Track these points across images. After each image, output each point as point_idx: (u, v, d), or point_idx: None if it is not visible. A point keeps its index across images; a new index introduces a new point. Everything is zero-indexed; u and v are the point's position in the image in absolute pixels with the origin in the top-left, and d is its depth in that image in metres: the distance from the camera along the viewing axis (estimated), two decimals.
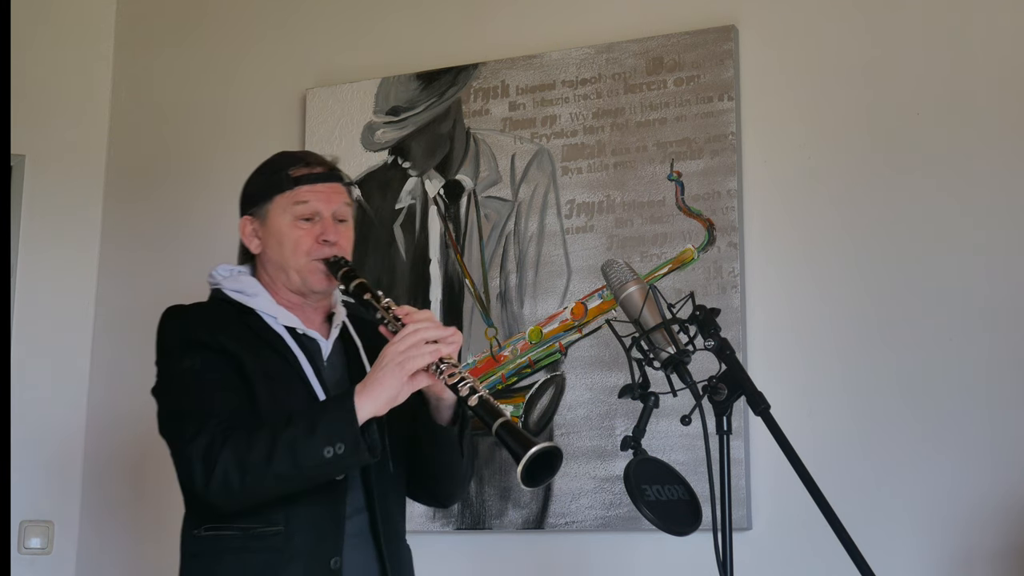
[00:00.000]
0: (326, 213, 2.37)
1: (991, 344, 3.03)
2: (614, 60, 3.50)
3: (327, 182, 2.40)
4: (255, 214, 2.42)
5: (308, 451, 2.12)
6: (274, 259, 2.38)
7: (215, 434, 2.17)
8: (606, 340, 3.30)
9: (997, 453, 2.98)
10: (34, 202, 4.06)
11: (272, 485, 2.15)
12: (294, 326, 2.35)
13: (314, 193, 2.37)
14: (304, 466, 2.13)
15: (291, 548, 2.22)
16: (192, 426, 2.20)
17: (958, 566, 2.97)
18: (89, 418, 3.98)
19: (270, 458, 2.12)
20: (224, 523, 2.24)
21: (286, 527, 2.22)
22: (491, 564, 3.45)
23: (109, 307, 4.04)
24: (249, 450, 2.14)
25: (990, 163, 3.11)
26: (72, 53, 4.21)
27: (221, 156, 4.02)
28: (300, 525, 2.23)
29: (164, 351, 2.35)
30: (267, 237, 2.39)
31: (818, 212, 3.25)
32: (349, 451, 2.12)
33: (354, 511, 2.29)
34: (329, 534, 2.24)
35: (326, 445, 2.11)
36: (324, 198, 2.38)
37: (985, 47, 3.17)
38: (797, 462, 1.97)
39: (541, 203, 3.53)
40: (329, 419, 2.15)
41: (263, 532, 2.22)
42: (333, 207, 2.38)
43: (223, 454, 2.14)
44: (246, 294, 2.37)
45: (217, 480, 2.14)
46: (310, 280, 2.36)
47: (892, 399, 3.09)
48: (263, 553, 2.22)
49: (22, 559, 3.85)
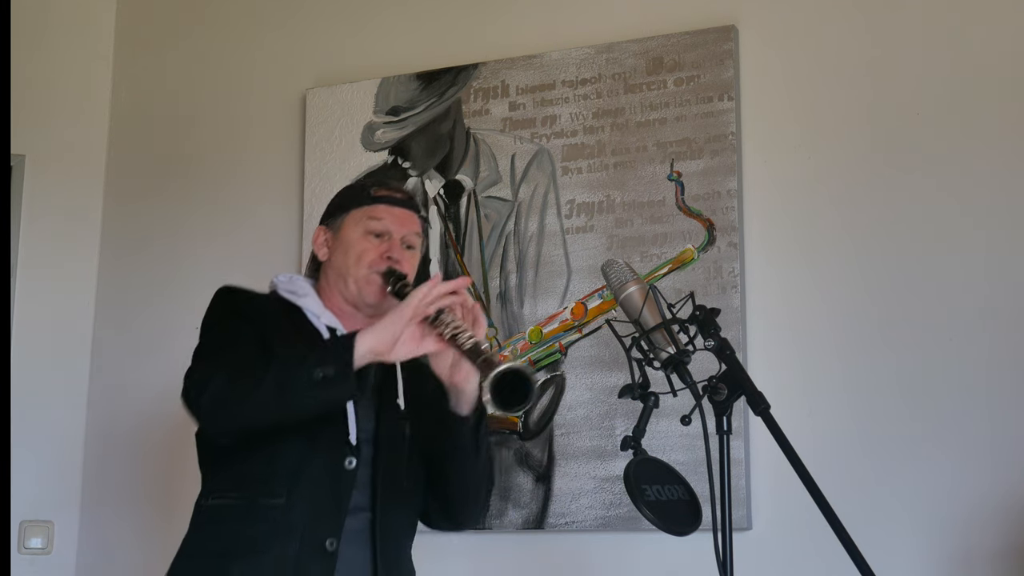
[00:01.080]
0: (396, 235, 2.42)
1: (991, 344, 3.03)
2: (614, 60, 3.50)
3: (404, 208, 2.46)
4: (330, 225, 2.48)
5: (297, 370, 2.15)
6: (337, 266, 2.43)
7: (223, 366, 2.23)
8: (606, 340, 3.30)
9: (997, 453, 2.98)
10: (34, 202, 4.06)
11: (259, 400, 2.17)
12: (335, 327, 2.39)
13: (390, 214, 2.43)
14: (290, 385, 2.15)
15: (289, 522, 2.24)
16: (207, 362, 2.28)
17: (958, 566, 2.97)
18: (89, 418, 3.98)
19: (261, 376, 2.16)
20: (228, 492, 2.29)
21: (287, 500, 2.25)
22: (491, 564, 3.45)
23: (109, 307, 4.04)
24: (244, 370, 2.20)
25: (990, 163, 3.11)
26: (72, 53, 4.21)
27: (221, 156, 4.02)
28: (301, 501, 2.25)
29: (208, 318, 2.41)
30: (336, 246, 2.44)
31: (818, 212, 3.25)
32: (337, 376, 2.14)
33: (358, 509, 2.30)
34: (329, 516, 2.26)
35: (316, 367, 2.14)
36: (398, 221, 2.43)
37: (985, 47, 3.17)
38: (797, 462, 1.98)
39: (541, 203, 3.53)
40: (326, 345, 2.21)
41: (264, 504, 2.25)
42: (404, 231, 2.43)
43: (220, 374, 2.20)
44: (296, 294, 2.43)
45: (208, 394, 2.18)
46: (365, 291, 2.40)
47: (892, 399, 3.09)
48: (261, 523, 2.24)
49: (22, 559, 3.85)
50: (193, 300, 3.92)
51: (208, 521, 2.32)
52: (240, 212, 3.93)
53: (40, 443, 3.91)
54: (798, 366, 3.18)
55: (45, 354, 3.98)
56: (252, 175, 3.95)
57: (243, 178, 3.96)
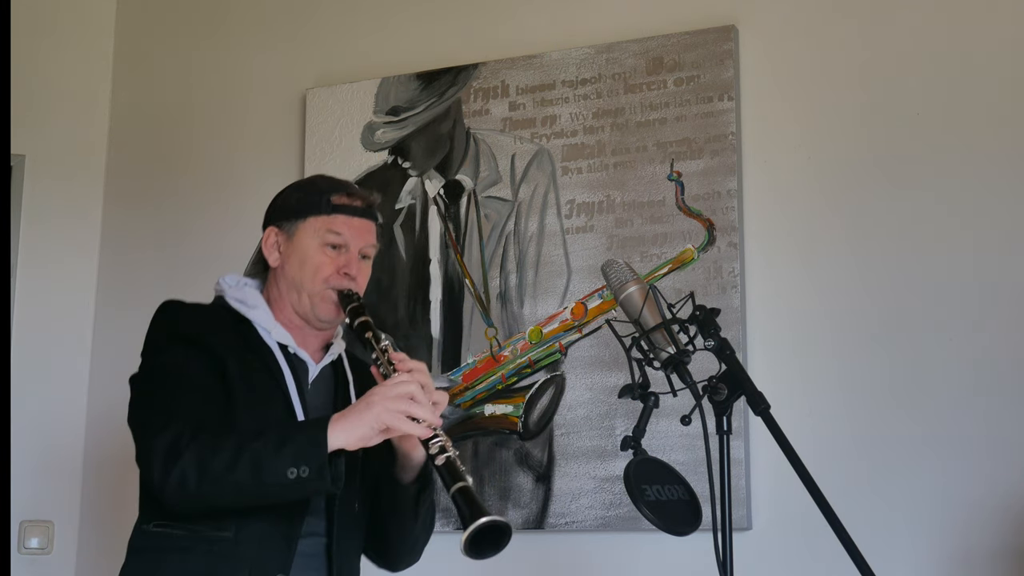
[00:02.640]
0: (354, 248, 2.37)
1: (990, 344, 3.03)
2: (614, 60, 3.50)
3: (363, 218, 2.40)
4: (283, 227, 2.40)
5: (272, 468, 2.09)
6: (291, 277, 2.37)
7: (182, 432, 2.13)
8: (606, 340, 3.30)
9: (996, 453, 2.98)
10: (34, 202, 4.06)
11: (229, 494, 2.12)
12: (286, 343, 2.34)
13: (349, 225, 2.37)
14: (265, 482, 2.09)
15: (237, 556, 2.19)
16: (160, 419, 2.17)
17: (957, 566, 2.97)
18: (89, 418, 3.98)
19: (233, 467, 2.09)
20: (174, 521, 2.22)
21: (235, 535, 2.20)
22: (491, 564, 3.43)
23: (109, 307, 4.04)
24: (213, 454, 2.10)
25: (989, 163, 3.11)
26: (72, 53, 4.21)
27: (221, 156, 4.02)
28: (250, 536, 2.20)
29: (149, 342, 2.34)
30: (290, 253, 2.38)
31: (818, 212, 3.25)
32: (313, 475, 2.08)
33: (311, 533, 2.26)
34: (278, 550, 2.21)
35: (291, 466, 2.08)
36: (357, 233, 2.38)
37: (985, 47, 3.17)
38: (797, 462, 1.97)
39: (541, 203, 3.53)
40: (299, 440, 2.11)
41: (211, 536, 2.19)
42: (362, 244, 2.39)
43: (186, 453, 2.11)
44: (246, 305, 2.37)
45: (174, 478, 2.11)
46: (319, 307, 2.35)
47: (892, 399, 3.09)
48: (209, 556, 2.19)
49: (22, 559, 3.86)
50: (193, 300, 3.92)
51: (150, 548, 2.26)
52: (240, 212, 3.92)
53: (40, 443, 3.91)
54: (798, 366, 3.18)
55: (45, 354, 3.98)
56: (252, 175, 3.94)
57: (243, 178, 3.96)
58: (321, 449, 2.09)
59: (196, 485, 2.10)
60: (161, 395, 2.23)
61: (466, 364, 3.51)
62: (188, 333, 2.29)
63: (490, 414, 3.46)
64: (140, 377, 2.33)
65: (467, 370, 3.52)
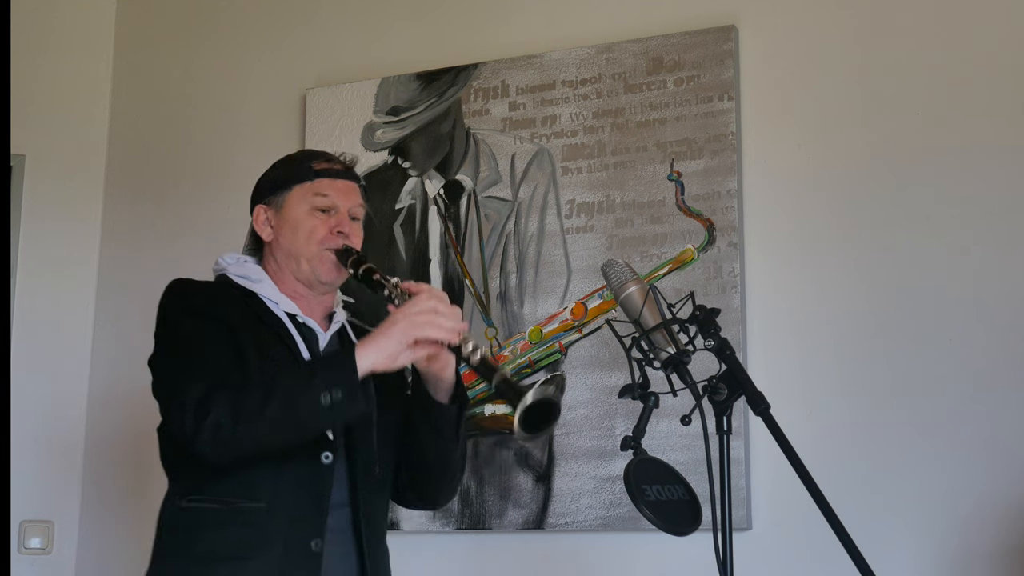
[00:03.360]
0: (343, 208, 2.41)
1: (990, 344, 3.03)
2: (614, 60, 3.50)
3: (346, 179, 2.44)
4: (270, 203, 2.44)
5: (305, 396, 2.11)
6: (286, 247, 2.40)
7: (212, 385, 2.15)
8: (606, 340, 3.30)
9: (996, 453, 2.98)
10: (34, 202, 4.06)
11: (265, 432, 2.13)
12: (294, 313, 2.37)
13: (334, 187, 2.41)
14: (299, 411, 2.11)
15: (273, 525, 2.21)
16: (186, 377, 2.18)
17: (957, 566, 2.97)
18: (89, 418, 3.98)
19: (265, 402, 2.11)
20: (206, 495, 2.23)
21: (269, 505, 2.22)
22: (491, 564, 3.45)
23: (109, 307, 4.04)
24: (244, 396, 2.12)
25: (989, 163, 3.11)
26: (72, 53, 4.21)
27: (221, 156, 4.02)
28: (283, 505, 2.22)
29: (163, 320, 2.34)
30: (281, 225, 2.41)
31: (818, 212, 3.25)
32: (346, 398, 2.12)
33: (337, 505, 2.28)
34: (312, 518, 2.24)
35: (323, 391, 2.11)
36: (342, 194, 2.42)
37: (985, 47, 3.17)
38: (797, 462, 1.98)
39: (541, 203, 3.53)
40: (329, 367, 2.17)
41: (245, 508, 2.21)
42: (349, 204, 2.42)
43: (217, 399, 2.12)
44: (251, 279, 2.39)
45: (208, 425, 2.11)
46: (319, 269, 2.38)
47: (891, 399, 3.09)
48: (243, 528, 2.21)
49: (22, 559, 3.86)
50: None
51: (186, 525, 2.26)
52: (240, 212, 3.91)
53: (40, 443, 3.91)
54: (798, 366, 3.19)
55: (45, 354, 3.98)
56: (252, 175, 3.90)
57: (243, 178, 3.92)
58: (351, 371, 2.12)
59: (231, 428, 2.11)
60: (183, 362, 2.24)
61: None
62: (201, 307, 2.31)
63: (490, 414, 3.46)
64: (160, 354, 2.33)
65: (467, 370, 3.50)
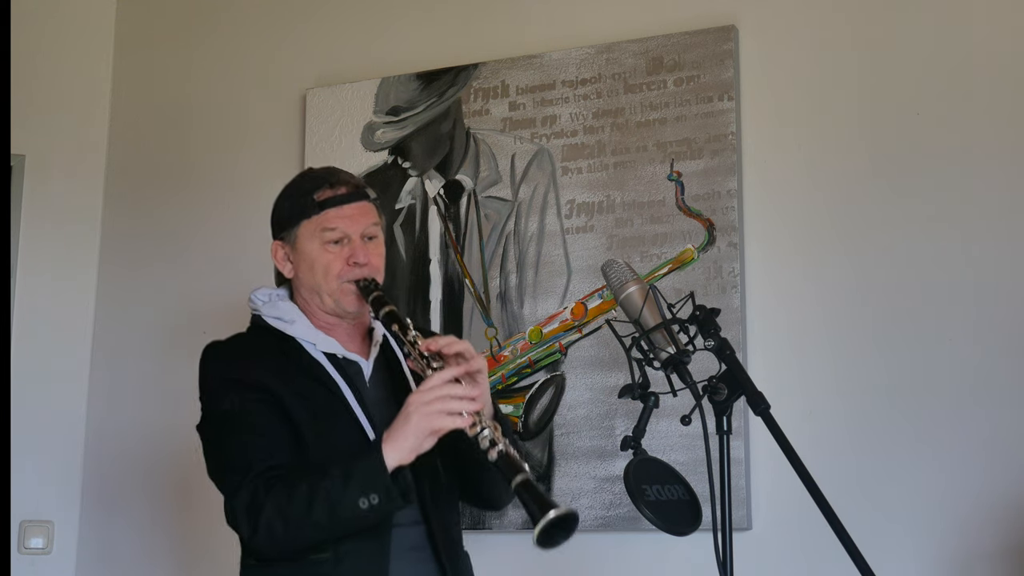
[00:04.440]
0: (355, 235, 2.37)
1: (989, 345, 3.03)
2: (614, 60, 3.50)
3: (353, 202, 2.39)
4: (285, 239, 2.43)
5: (344, 503, 2.16)
6: (307, 283, 2.39)
7: (257, 486, 2.21)
8: (606, 340, 3.30)
9: (995, 453, 2.98)
10: (34, 202, 4.06)
11: (313, 534, 2.20)
12: (333, 351, 2.36)
13: (341, 217, 2.37)
14: (342, 517, 2.17)
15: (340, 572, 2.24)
16: (235, 478, 2.24)
17: (957, 566, 2.97)
18: (89, 418, 3.98)
19: (310, 509, 2.17)
20: None
21: (333, 554, 2.25)
22: (491, 564, 3.43)
23: (109, 307, 4.04)
24: (290, 502, 2.18)
25: (989, 163, 3.11)
26: (72, 53, 4.21)
27: (221, 156, 4.02)
28: (347, 552, 2.25)
29: (205, 390, 2.37)
30: (299, 261, 2.40)
31: (818, 212, 3.25)
32: (383, 501, 2.16)
33: (410, 523, 2.30)
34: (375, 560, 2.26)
35: (361, 496, 2.15)
36: (351, 221, 2.37)
37: (985, 47, 3.17)
38: (797, 462, 1.98)
39: (541, 203, 3.53)
40: (362, 470, 2.17)
41: (312, 560, 2.25)
42: (361, 228, 2.38)
43: (266, 508, 2.19)
44: (284, 320, 2.38)
45: (262, 532, 2.19)
46: (343, 302, 2.37)
47: (891, 399, 3.09)
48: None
49: (22, 559, 3.85)
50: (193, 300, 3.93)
51: None
52: (240, 212, 3.92)
53: (40, 443, 3.91)
54: (798, 366, 3.18)
55: (45, 354, 3.97)
56: (252, 175, 3.94)
57: (243, 178, 3.96)
58: (382, 474, 2.16)
59: (283, 534, 2.19)
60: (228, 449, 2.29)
61: None
62: (239, 376, 2.31)
63: None
64: (205, 427, 2.37)
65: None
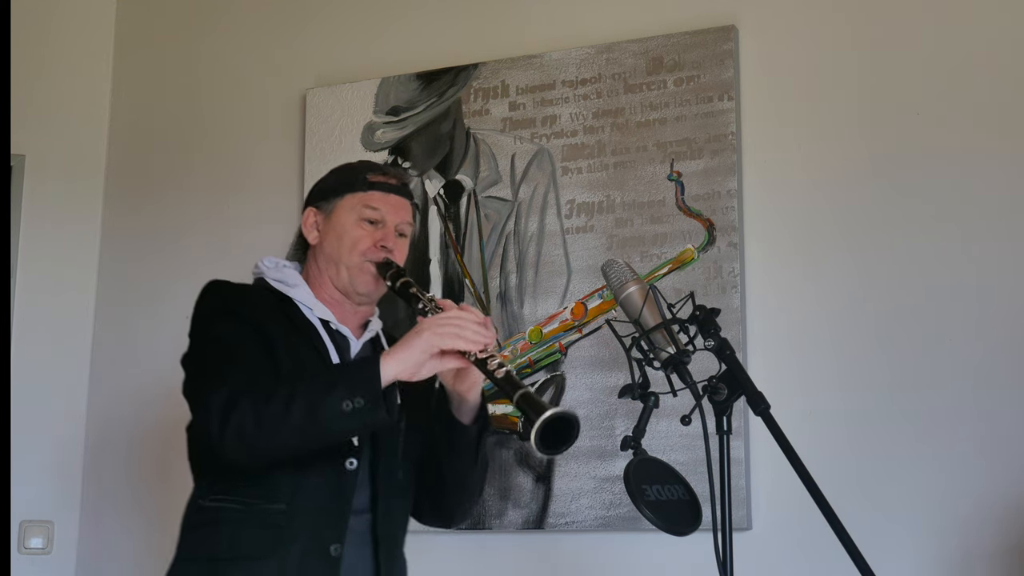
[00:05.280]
0: (391, 223, 2.42)
1: (990, 344, 3.03)
2: (614, 60, 3.50)
3: (399, 195, 2.45)
4: (321, 207, 2.45)
5: (327, 403, 2.11)
6: (328, 252, 2.41)
7: (236, 386, 2.17)
8: (606, 340, 3.30)
9: (995, 453, 2.98)
10: (34, 202, 4.06)
11: (287, 437, 2.13)
12: (328, 319, 2.38)
13: (385, 201, 2.42)
14: (321, 418, 2.12)
15: (292, 527, 2.22)
16: (215, 381, 2.20)
17: (957, 566, 2.97)
18: (89, 418, 3.98)
19: (288, 408, 2.11)
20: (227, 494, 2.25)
21: (289, 506, 2.22)
22: (491, 564, 3.45)
23: (109, 307, 4.04)
24: (267, 401, 2.13)
25: (989, 164, 3.11)
26: (72, 53, 4.21)
27: (221, 156, 4.02)
28: (305, 507, 2.23)
29: (199, 319, 2.37)
30: (328, 231, 2.42)
31: (818, 212, 3.25)
32: (368, 406, 2.11)
33: (358, 510, 2.29)
34: (333, 521, 2.25)
35: (345, 398, 2.11)
36: (393, 209, 2.43)
37: (985, 47, 3.17)
38: (797, 462, 1.98)
39: (541, 203, 3.53)
40: (352, 373, 2.18)
41: (266, 508, 2.22)
42: (398, 220, 2.43)
43: (241, 403, 2.13)
44: (287, 284, 2.40)
45: (232, 428, 2.13)
46: (357, 280, 2.39)
47: (891, 399, 3.09)
48: (263, 529, 2.22)
49: (22, 559, 3.85)
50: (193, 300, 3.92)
51: (206, 522, 2.28)
52: (240, 212, 3.93)
53: (40, 443, 3.91)
54: (798, 366, 3.19)
55: (45, 354, 3.98)
56: (252, 175, 3.95)
57: (243, 178, 3.96)
58: (375, 378, 2.13)
59: (254, 432, 2.12)
60: (214, 363, 2.26)
61: None
62: (236, 310, 2.32)
63: (490, 414, 3.45)
64: (192, 353, 2.35)
65: None
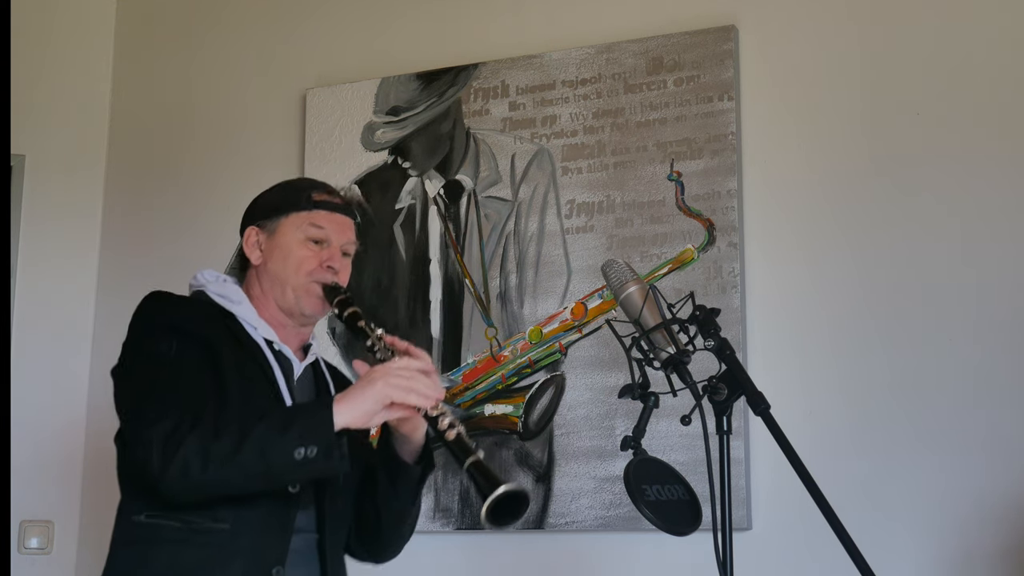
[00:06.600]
0: (336, 243, 2.38)
1: (989, 344, 3.03)
2: (614, 60, 3.50)
3: (343, 214, 2.42)
4: (263, 226, 2.40)
5: (279, 449, 2.05)
6: (274, 273, 2.36)
7: (180, 420, 2.08)
8: (606, 340, 3.30)
9: (995, 454, 2.98)
10: (34, 202, 4.06)
11: (235, 479, 2.08)
12: (272, 339, 2.34)
13: (330, 221, 2.38)
14: (272, 464, 2.06)
15: (234, 547, 2.16)
16: (156, 409, 2.12)
17: (957, 566, 2.97)
18: (89, 418, 3.98)
19: (238, 448, 2.05)
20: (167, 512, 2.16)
21: (232, 526, 2.17)
22: (491, 564, 3.45)
23: (109, 307, 4.04)
24: (216, 439, 2.06)
25: (989, 163, 3.12)
26: (72, 53, 4.21)
27: (221, 156, 4.02)
28: (247, 527, 2.17)
29: (138, 331, 2.30)
30: (271, 250, 2.37)
31: (818, 212, 3.25)
32: (321, 455, 2.06)
33: (303, 529, 2.25)
34: (275, 542, 2.20)
35: (298, 446, 2.05)
36: (338, 228, 2.39)
37: (985, 46, 3.17)
38: (797, 462, 1.98)
39: (541, 203, 3.53)
40: (304, 420, 2.10)
41: (207, 528, 2.16)
42: (343, 239, 2.39)
43: (188, 440, 2.06)
44: (230, 300, 2.35)
45: (176, 466, 2.05)
46: (303, 301, 2.34)
47: (891, 399, 3.09)
48: (204, 548, 2.16)
49: (22, 559, 3.86)
50: None
51: (140, 540, 2.19)
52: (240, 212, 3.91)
53: (40, 443, 3.91)
54: (798, 366, 3.19)
55: (45, 354, 3.98)
56: (252, 175, 3.92)
57: (243, 178, 3.95)
58: (328, 428, 2.07)
59: (200, 471, 2.05)
60: (155, 384, 2.18)
61: (466, 364, 3.51)
62: (179, 323, 2.26)
63: (490, 414, 3.46)
64: (128, 367, 2.28)
65: (467, 370, 3.52)
